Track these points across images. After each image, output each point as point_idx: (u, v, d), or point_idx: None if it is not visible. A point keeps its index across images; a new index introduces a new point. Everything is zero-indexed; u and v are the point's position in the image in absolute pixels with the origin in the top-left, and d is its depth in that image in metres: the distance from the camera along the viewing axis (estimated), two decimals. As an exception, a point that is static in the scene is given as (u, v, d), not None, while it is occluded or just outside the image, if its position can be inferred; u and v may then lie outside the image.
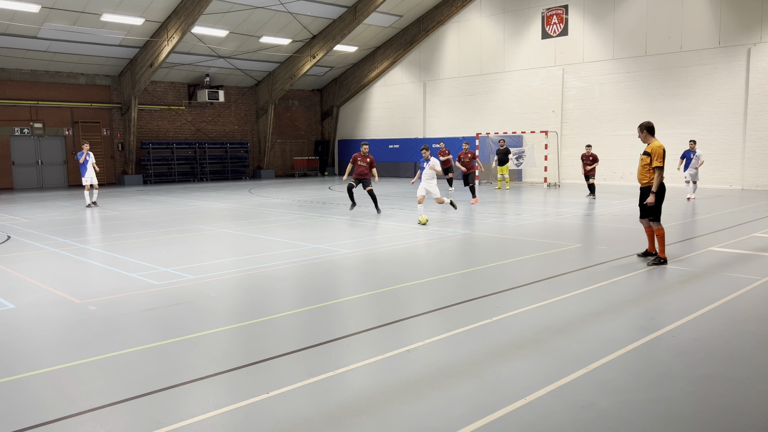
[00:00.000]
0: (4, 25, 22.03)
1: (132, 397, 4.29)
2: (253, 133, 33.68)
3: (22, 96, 25.84)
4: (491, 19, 28.18)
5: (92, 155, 18.50)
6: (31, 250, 10.51)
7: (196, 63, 28.69)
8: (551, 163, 25.37)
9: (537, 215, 14.81)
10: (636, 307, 6.51)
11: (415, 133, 31.81)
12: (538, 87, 26.79)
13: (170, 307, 6.69)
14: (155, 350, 5.32)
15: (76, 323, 6.16)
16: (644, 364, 4.82)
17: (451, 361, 4.90)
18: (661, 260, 8.60)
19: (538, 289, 7.26)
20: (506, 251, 10.01)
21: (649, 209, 8.61)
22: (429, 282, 7.80)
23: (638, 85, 23.94)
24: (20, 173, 26.44)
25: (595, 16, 24.88)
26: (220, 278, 8.11)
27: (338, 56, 31.88)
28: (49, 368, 4.90)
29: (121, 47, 25.79)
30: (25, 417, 4.00)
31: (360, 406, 4.11)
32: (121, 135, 28.68)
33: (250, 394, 4.32)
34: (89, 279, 8.20)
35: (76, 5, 21.81)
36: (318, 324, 6.03)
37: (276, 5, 25.28)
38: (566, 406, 4.07)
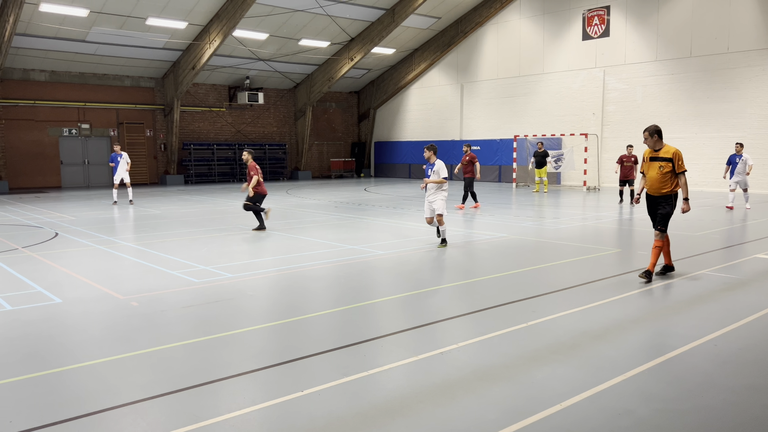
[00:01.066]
0: (55, 29, 22.82)
1: (171, 391, 4.40)
2: (291, 135, 34.07)
3: (71, 97, 26.71)
4: (531, 21, 27.88)
5: (125, 155, 19.30)
6: (77, 247, 10.86)
7: (236, 65, 29.19)
8: (591, 167, 24.94)
9: (575, 219, 14.59)
10: (676, 315, 6.35)
11: (452, 135, 31.69)
12: (578, 89, 26.38)
13: (209, 305, 6.83)
14: (194, 346, 5.44)
15: (118, 318, 6.35)
16: (685, 372, 4.70)
17: (486, 365, 4.88)
18: (671, 268, 8.17)
19: (575, 294, 7.15)
20: (543, 255, 9.89)
21: (663, 217, 7.80)
22: (464, 285, 7.77)
23: (682, 88, 23.35)
24: (68, 172, 27.32)
25: (638, 17, 24.37)
26: (257, 277, 8.24)
27: (376, 58, 32.00)
28: (93, 361, 5.07)
29: (165, 50, 26.43)
30: (70, 408, 4.15)
31: (393, 406, 4.13)
32: (164, 136, 29.37)
33: (285, 391, 4.38)
34: (132, 276, 8.44)
35: (123, 9, 22.45)
36: (352, 324, 6.08)
37: (315, 8, 25.53)
38: (602, 413, 4.01)
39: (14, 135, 25.60)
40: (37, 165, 26.35)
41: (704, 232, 12.14)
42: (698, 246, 10.45)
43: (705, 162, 22.93)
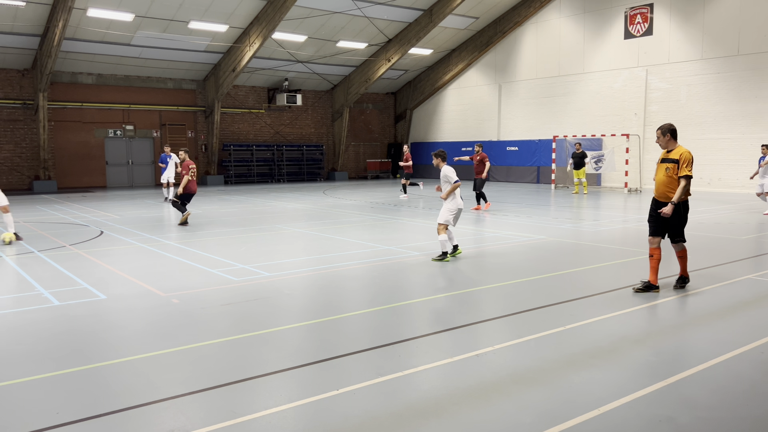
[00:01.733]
0: (101, 34, 23.53)
1: (210, 387, 4.49)
2: (329, 136, 34.33)
3: (116, 100, 27.49)
4: (571, 20, 27.45)
5: (174, 156, 19.89)
6: (121, 245, 11.18)
7: (275, 68, 29.57)
8: (632, 168, 24.40)
9: (616, 221, 14.30)
10: (721, 320, 6.17)
11: (489, 135, 31.43)
12: (619, 88, 25.85)
13: (247, 303, 6.94)
14: (232, 343, 5.54)
15: (160, 315, 6.51)
16: (729, 380, 4.57)
17: (522, 368, 4.83)
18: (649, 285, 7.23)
19: (614, 298, 7.02)
20: (582, 258, 9.73)
21: (675, 227, 7.23)
22: (501, 287, 7.70)
23: (729, 87, 22.64)
24: (113, 172, 28.12)
25: (683, 15, 23.74)
26: (294, 276, 8.34)
27: (413, 59, 31.99)
28: (135, 356, 5.21)
29: (206, 53, 26.96)
30: (113, 401, 4.27)
31: (428, 407, 4.13)
32: (205, 137, 29.95)
33: (320, 389, 4.42)
34: (173, 273, 8.63)
35: (167, 13, 23.00)
36: (388, 324, 6.09)
37: (353, 10, 25.67)
38: (642, 419, 3.92)
39: (62, 136, 26.48)
40: (84, 165, 27.20)
41: (750, 236, 11.75)
42: (743, 250, 10.12)
43: (753, 163, 22.17)
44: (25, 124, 25.48)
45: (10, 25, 21.82)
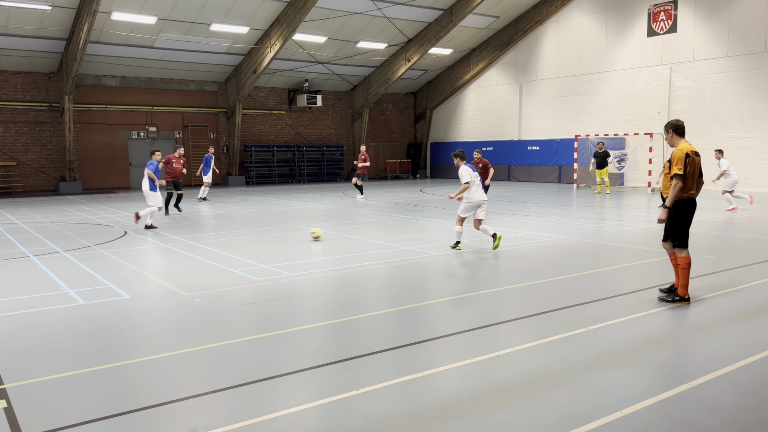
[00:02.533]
0: (125, 37, 23.88)
1: (232, 386, 4.53)
2: (348, 137, 34.41)
3: (139, 102, 27.88)
4: (593, 18, 27.17)
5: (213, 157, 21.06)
6: (145, 245, 11.33)
7: (296, 69, 29.73)
8: (656, 167, 24.06)
9: (639, 221, 14.12)
10: (747, 322, 6.06)
11: (510, 135, 31.24)
12: (642, 87, 25.51)
13: (268, 302, 6.99)
14: (254, 342, 5.58)
15: (182, 314, 6.58)
16: (756, 383, 4.48)
17: (543, 369, 4.79)
18: (678, 297, 6.72)
19: (637, 299, 6.93)
20: (605, 259, 9.63)
21: (671, 230, 6.84)
22: (522, 287, 7.65)
23: (756, 84, 22.21)
24: (136, 173, 28.47)
25: (708, 11, 23.35)
26: (314, 276, 8.37)
27: (433, 59, 31.92)
28: (158, 355, 5.28)
29: (228, 55, 27.20)
30: (136, 399, 4.34)
31: (448, 408, 4.12)
32: (226, 138, 30.22)
33: (341, 389, 4.44)
34: (195, 273, 8.73)
35: (189, 16, 23.26)
36: (408, 325, 6.09)
37: (373, 10, 25.70)
38: (666, 422, 3.87)
39: (87, 138, 26.92)
40: (108, 166, 27.62)
41: (779, 236, 11.52)
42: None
43: (780, 162, 21.73)
44: (51, 127, 25.95)
45: (37, 29, 22.26)
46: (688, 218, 6.78)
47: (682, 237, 6.79)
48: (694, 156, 6.70)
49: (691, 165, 6.65)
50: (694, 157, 6.69)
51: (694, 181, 6.72)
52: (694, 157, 6.70)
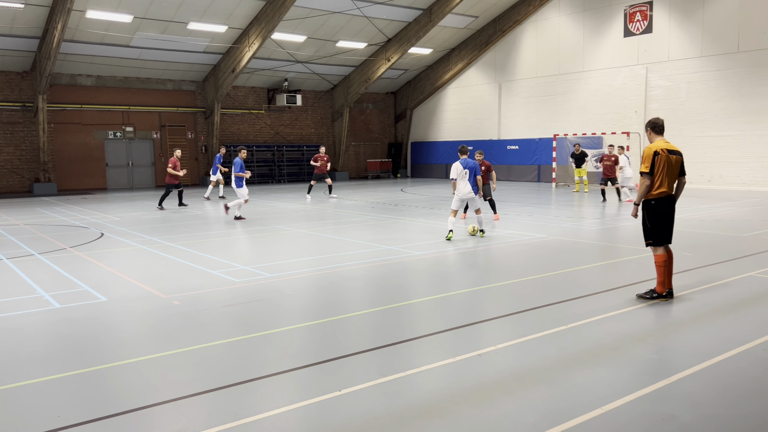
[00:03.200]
0: (100, 35, 23.52)
1: (212, 389, 4.48)
2: (329, 136, 34.31)
3: (116, 101, 27.48)
4: (570, 18, 27.43)
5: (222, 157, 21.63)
6: (122, 247, 11.17)
7: (275, 68, 29.55)
8: (633, 166, 24.31)
9: (616, 220, 14.28)
10: (723, 318, 6.16)
11: (489, 134, 31.41)
12: (619, 87, 25.82)
13: (248, 304, 6.93)
14: (234, 345, 5.53)
15: (161, 317, 6.49)
16: (732, 377, 4.55)
17: (524, 367, 4.82)
18: (655, 294, 6.75)
19: (616, 296, 7.00)
20: (583, 256, 9.72)
21: (644, 228, 6.92)
22: (502, 286, 7.69)
23: (729, 84, 22.61)
24: (113, 174, 28.11)
25: (682, 12, 23.71)
26: (295, 277, 8.33)
27: (412, 59, 31.97)
28: (136, 359, 5.20)
29: (206, 54, 26.95)
30: (114, 404, 4.26)
31: (430, 408, 4.12)
32: (205, 138, 29.95)
33: (323, 390, 4.41)
34: (174, 275, 8.62)
35: (165, 14, 22.99)
36: (389, 324, 6.08)
37: (352, 10, 25.65)
38: (645, 417, 3.91)
39: (62, 138, 26.47)
40: (84, 167, 27.18)
41: (751, 233, 11.74)
42: (745, 247, 10.11)
43: (754, 160, 22.17)
44: (25, 127, 25.46)
45: (9, 27, 21.82)
46: (659, 217, 6.77)
47: (654, 235, 6.81)
48: (667, 154, 6.68)
49: (660, 163, 6.66)
50: (664, 155, 6.67)
51: (664, 179, 6.69)
52: (666, 155, 6.68)
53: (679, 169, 6.82)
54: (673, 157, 6.75)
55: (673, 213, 6.88)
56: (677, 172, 6.81)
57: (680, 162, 6.83)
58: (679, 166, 6.82)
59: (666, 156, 6.68)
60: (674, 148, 6.82)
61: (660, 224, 6.81)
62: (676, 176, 6.81)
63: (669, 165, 6.70)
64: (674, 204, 6.85)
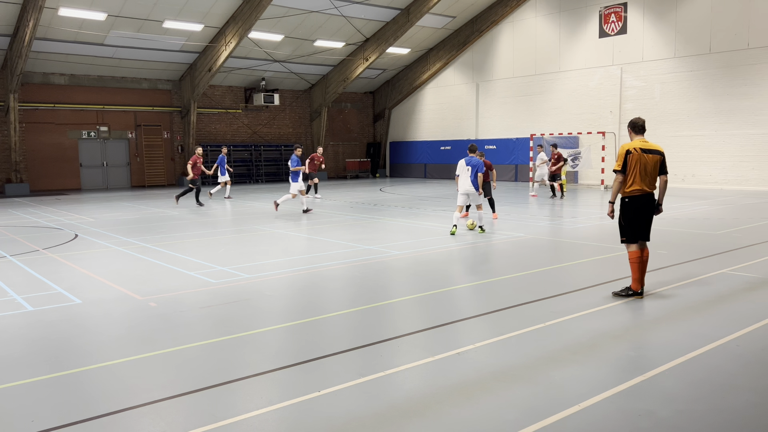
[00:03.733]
0: (74, 33, 23.13)
1: (190, 391, 4.43)
2: (307, 136, 34.17)
3: (90, 100, 27.04)
4: (547, 19, 27.69)
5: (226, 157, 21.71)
6: (97, 248, 10.99)
7: (252, 67, 29.34)
8: (608, 165, 24.68)
9: (593, 218, 14.46)
10: (698, 314, 6.27)
11: (468, 134, 31.58)
12: (595, 87, 26.15)
13: (227, 305, 6.87)
14: (212, 346, 5.47)
15: (137, 319, 6.40)
16: (706, 373, 4.64)
17: (504, 365, 4.85)
18: (631, 291, 6.86)
19: (594, 294, 7.08)
20: (561, 255, 9.82)
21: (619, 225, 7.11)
22: (481, 285, 7.73)
23: (702, 85, 23.04)
24: (87, 174, 27.66)
25: (656, 14, 24.09)
26: (274, 277, 8.27)
27: (391, 58, 31.99)
28: (112, 361, 5.11)
29: (182, 53, 26.65)
30: (90, 408, 4.19)
31: (411, 407, 4.12)
32: (181, 138, 29.62)
33: (302, 391, 4.39)
34: (150, 276, 8.51)
35: (140, 13, 22.68)
36: (369, 324, 6.07)
37: (330, 9, 25.58)
38: (622, 413, 3.96)
39: (35, 138, 25.97)
40: (57, 167, 26.71)
41: (724, 230, 11.97)
42: (718, 245, 10.30)
43: (726, 160, 22.61)
44: (-4, 126, 24.95)
45: (-21, 25, 21.36)
46: (632, 214, 6.87)
47: (627, 232, 6.95)
48: (640, 152, 6.73)
49: (632, 161, 6.73)
50: (637, 154, 6.72)
51: (637, 177, 6.76)
52: (640, 154, 6.72)
53: (657, 167, 6.84)
54: (649, 156, 6.79)
55: (649, 211, 6.93)
56: (654, 170, 6.83)
57: (658, 160, 6.83)
58: (657, 164, 6.83)
59: (639, 154, 6.74)
60: (652, 147, 6.85)
61: (633, 222, 6.90)
62: (652, 174, 6.83)
63: (642, 163, 6.75)
64: (651, 202, 6.90)
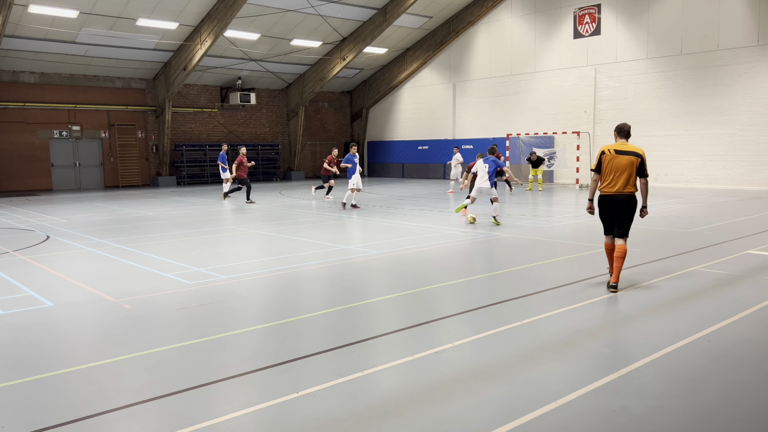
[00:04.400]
0: (44, 31, 22.68)
1: (165, 394, 4.37)
2: (284, 135, 34.00)
3: (61, 99, 26.55)
4: (522, 19, 27.94)
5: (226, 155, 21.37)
6: (69, 250, 10.79)
7: (228, 66, 29.09)
8: (583, 164, 25.01)
9: (569, 217, 14.62)
10: (670, 311, 6.38)
11: (445, 134, 31.72)
12: (569, 87, 26.45)
13: (203, 307, 6.80)
14: (188, 348, 5.41)
15: (111, 321, 6.30)
16: (679, 369, 4.72)
17: (481, 364, 4.88)
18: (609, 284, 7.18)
19: (569, 292, 7.17)
20: (537, 253, 9.91)
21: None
22: (458, 284, 7.77)
23: (673, 85, 23.46)
24: (59, 174, 27.16)
25: (629, 15, 24.46)
26: (251, 278, 8.21)
27: (368, 58, 31.98)
28: (86, 365, 5.03)
29: (156, 51, 26.31)
30: (62, 412, 4.11)
31: (389, 407, 4.12)
32: (156, 137, 29.24)
33: (280, 393, 4.36)
34: (124, 278, 8.39)
35: (113, 10, 22.33)
36: (347, 324, 6.06)
37: (306, 8, 25.48)
38: (597, 410, 4.01)
39: (4, 138, 25.42)
40: (28, 167, 26.18)
41: (695, 228, 12.20)
42: (689, 243, 10.50)
43: (696, 159, 23.06)
44: (-36, 126, 24.37)
45: (-55, 22, 20.81)
46: (604, 210, 7.34)
47: (604, 227, 7.48)
48: (614, 154, 7.14)
49: (606, 161, 7.19)
50: (610, 155, 7.16)
51: (610, 177, 7.18)
52: (613, 155, 7.14)
53: (632, 169, 7.13)
54: (623, 157, 7.13)
55: (621, 210, 7.21)
56: (628, 170, 7.12)
57: (632, 162, 7.13)
58: (632, 165, 7.13)
59: (612, 155, 7.16)
60: (628, 149, 7.17)
61: (604, 216, 7.40)
62: (626, 174, 7.12)
63: (614, 164, 7.15)
64: (622, 202, 7.17)
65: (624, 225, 7.23)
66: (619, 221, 7.23)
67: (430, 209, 16.48)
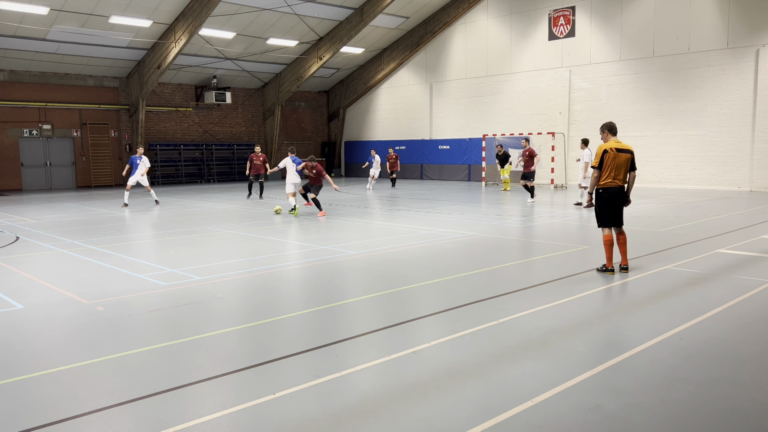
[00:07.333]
0: (13, 28, 22.19)
1: (139, 398, 4.30)
2: (260, 135, 33.76)
3: (31, 98, 26.01)
4: (498, 21, 28.15)
5: (145, 159, 18.73)
6: (40, 251, 10.57)
7: (203, 65, 28.79)
8: (558, 165, 25.30)
9: (543, 217, 14.77)
10: (642, 310, 6.48)
11: (422, 134, 31.81)
12: (544, 88, 26.73)
13: (177, 308, 6.71)
14: (162, 351, 5.34)
15: (83, 324, 6.19)
16: (652, 366, 4.80)
17: (458, 363, 4.90)
18: (605, 268, 8.16)
19: (544, 291, 7.24)
20: (512, 253, 9.99)
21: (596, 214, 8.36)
22: (435, 283, 7.79)
23: (646, 87, 23.86)
24: (29, 174, 26.61)
25: (603, 18, 24.81)
26: (227, 279, 8.14)
27: (345, 58, 31.92)
28: (58, 368, 4.93)
29: (129, 49, 25.92)
30: (33, 416, 4.03)
31: (366, 407, 4.11)
32: (129, 136, 28.81)
33: (256, 394, 4.33)
34: (97, 280, 8.24)
35: (85, 7, 21.94)
36: (324, 325, 6.04)
37: (283, 7, 25.34)
38: (573, 408, 4.06)
39: (-28, 136, 24.82)
40: (-3, 167, 25.61)
41: (667, 228, 12.42)
42: (661, 242, 10.68)
43: (668, 159, 23.48)
44: (-71, 124, 23.72)
45: None
46: (605, 203, 8.03)
47: (601, 219, 8.16)
48: (615, 152, 7.93)
49: (608, 159, 7.92)
50: (613, 153, 7.92)
51: (611, 173, 7.94)
52: (615, 153, 7.92)
53: (628, 164, 8.02)
54: (622, 155, 7.97)
55: (620, 201, 8.06)
56: (626, 167, 8.01)
57: (629, 159, 8.03)
58: (629, 162, 8.02)
59: (614, 153, 7.95)
60: (624, 147, 8.04)
61: (605, 210, 8.07)
62: (624, 171, 8.00)
63: (616, 161, 7.95)
64: (622, 194, 8.04)
65: (621, 214, 8.15)
66: (618, 212, 8.06)
67: (407, 209, 16.51)
